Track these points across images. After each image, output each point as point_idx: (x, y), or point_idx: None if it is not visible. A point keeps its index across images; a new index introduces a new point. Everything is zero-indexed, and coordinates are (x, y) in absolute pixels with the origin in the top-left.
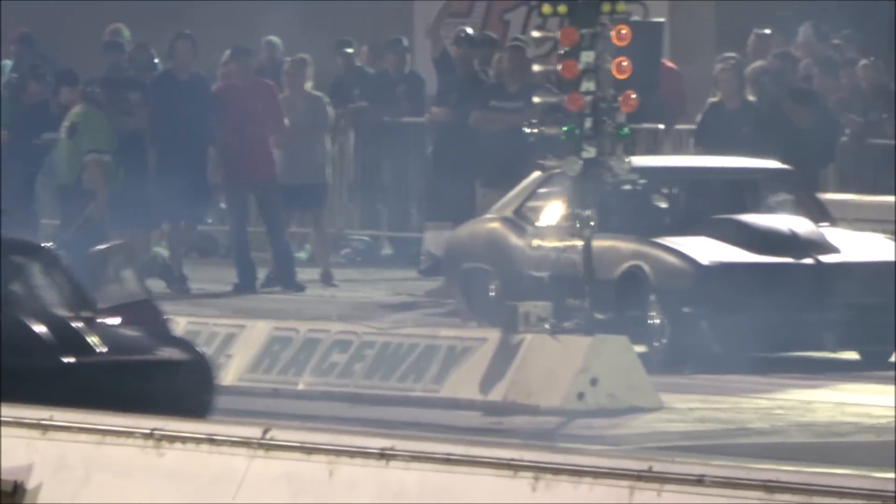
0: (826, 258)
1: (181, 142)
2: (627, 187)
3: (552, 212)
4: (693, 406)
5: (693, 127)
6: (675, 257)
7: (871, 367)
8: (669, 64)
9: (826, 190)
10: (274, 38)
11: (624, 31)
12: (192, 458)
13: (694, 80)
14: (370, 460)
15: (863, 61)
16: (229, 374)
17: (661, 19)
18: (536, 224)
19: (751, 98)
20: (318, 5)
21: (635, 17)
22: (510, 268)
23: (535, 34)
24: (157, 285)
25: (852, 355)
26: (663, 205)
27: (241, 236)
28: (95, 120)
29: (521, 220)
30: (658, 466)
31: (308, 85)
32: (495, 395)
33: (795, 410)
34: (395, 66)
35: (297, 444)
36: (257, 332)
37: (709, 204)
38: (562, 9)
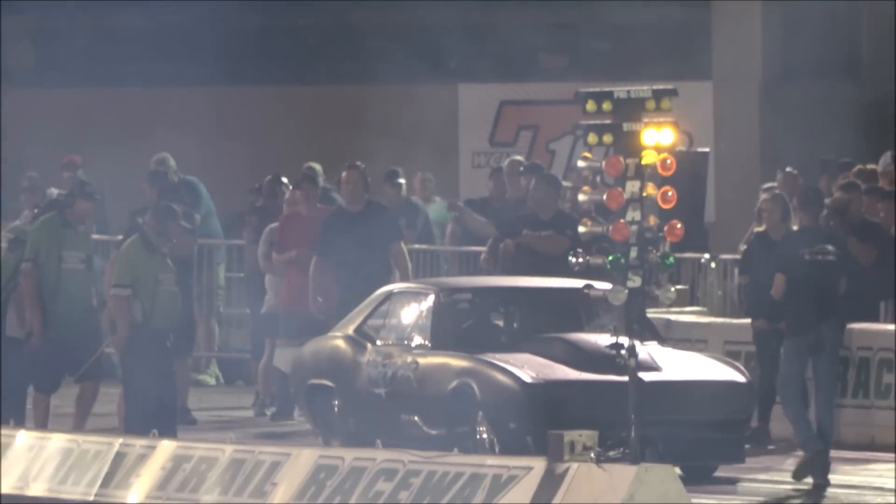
0: (647, 376)
1: (360, 274)
2: (461, 306)
3: (391, 330)
4: None
5: (736, 256)
6: (502, 374)
7: (695, 483)
8: None
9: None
10: (315, 165)
11: (669, 161)
12: None
13: (737, 209)
14: None
15: None
16: (275, 502)
17: (706, 149)
18: (376, 342)
19: (795, 228)
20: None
21: (681, 147)
22: (351, 384)
23: (581, 163)
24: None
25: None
26: (494, 323)
27: None
28: (129, 256)
29: (361, 337)
30: None
31: None
32: None
33: None
34: (391, 198)
35: None
36: (303, 459)
37: (537, 322)
38: (607, 138)
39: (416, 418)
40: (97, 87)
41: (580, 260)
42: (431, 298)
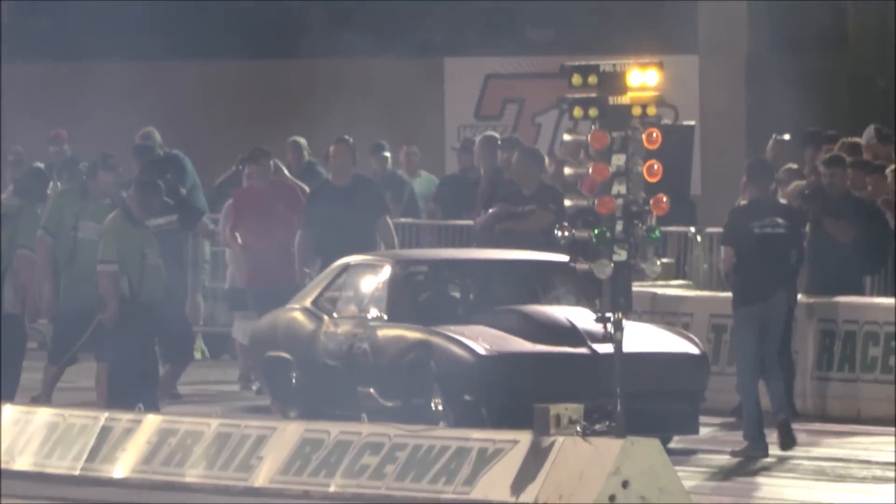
0: (601, 348)
1: (344, 250)
2: (418, 278)
3: (348, 302)
4: None
5: (720, 230)
6: (457, 346)
7: None
8: None
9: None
10: (300, 139)
11: (655, 135)
12: None
13: (722, 182)
14: None
15: (891, 166)
16: (260, 476)
17: (692, 122)
18: (333, 314)
19: (782, 201)
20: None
21: (666, 121)
22: (308, 356)
23: (566, 137)
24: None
25: None
26: (450, 295)
27: None
28: (114, 230)
29: (318, 309)
30: None
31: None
32: (527, 497)
33: None
34: (377, 171)
35: None
36: (288, 433)
37: (493, 294)
38: (592, 112)
39: (371, 390)
40: (74, 62)
41: (566, 234)
42: (388, 270)
